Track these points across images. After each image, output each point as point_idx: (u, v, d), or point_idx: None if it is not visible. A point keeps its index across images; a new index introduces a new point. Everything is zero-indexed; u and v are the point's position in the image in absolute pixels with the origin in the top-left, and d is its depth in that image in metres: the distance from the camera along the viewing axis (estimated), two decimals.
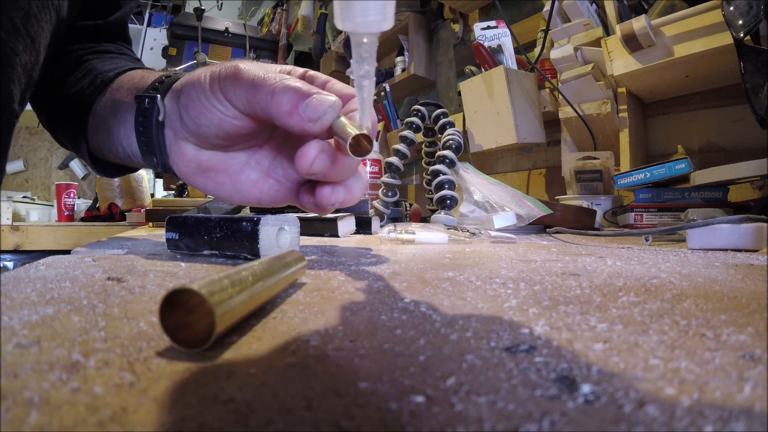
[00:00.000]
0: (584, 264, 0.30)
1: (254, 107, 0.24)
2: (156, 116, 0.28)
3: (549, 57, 0.91)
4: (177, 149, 0.28)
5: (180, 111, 0.27)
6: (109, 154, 0.34)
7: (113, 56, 0.39)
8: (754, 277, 0.24)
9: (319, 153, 0.24)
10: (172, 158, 0.29)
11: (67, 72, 0.36)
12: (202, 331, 0.13)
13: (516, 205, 0.63)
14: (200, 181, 0.30)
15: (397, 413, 0.09)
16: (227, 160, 0.29)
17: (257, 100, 0.24)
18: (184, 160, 0.29)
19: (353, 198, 0.27)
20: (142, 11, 2.46)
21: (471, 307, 0.18)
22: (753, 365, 0.11)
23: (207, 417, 0.09)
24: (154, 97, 0.28)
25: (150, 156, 0.30)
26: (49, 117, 0.38)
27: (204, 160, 0.29)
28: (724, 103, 0.79)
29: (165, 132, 0.29)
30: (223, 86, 0.25)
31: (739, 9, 0.53)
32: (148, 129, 0.28)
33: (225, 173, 0.30)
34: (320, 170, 0.24)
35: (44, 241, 1.39)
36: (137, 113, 0.29)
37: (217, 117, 0.26)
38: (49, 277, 0.24)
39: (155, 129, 0.28)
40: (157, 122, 0.28)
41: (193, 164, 0.29)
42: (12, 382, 0.10)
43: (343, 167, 0.25)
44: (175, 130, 0.28)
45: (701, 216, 0.53)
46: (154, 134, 0.28)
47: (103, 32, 0.40)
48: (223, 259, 0.34)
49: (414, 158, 1.27)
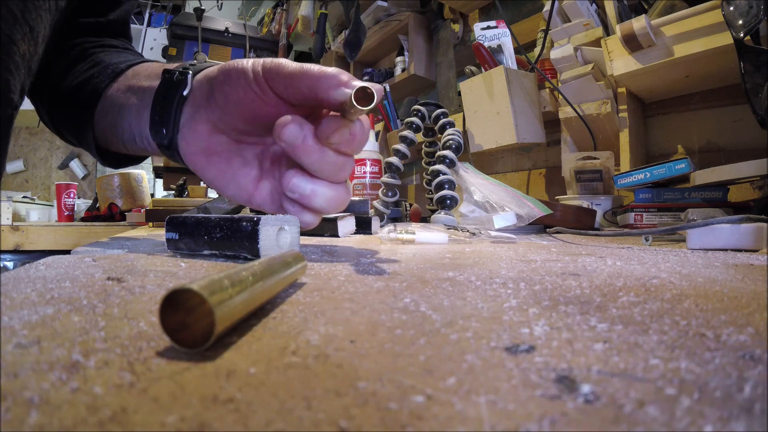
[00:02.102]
0: (584, 264, 0.30)
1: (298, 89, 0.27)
2: (182, 90, 0.30)
3: (549, 57, 0.91)
4: (192, 126, 0.30)
5: (214, 90, 0.29)
6: (113, 139, 0.35)
7: (119, 50, 0.40)
8: (754, 277, 0.24)
9: (297, 126, 0.26)
10: (183, 133, 0.31)
11: (70, 64, 0.37)
12: (202, 331, 0.13)
13: (516, 205, 0.63)
14: (202, 164, 0.31)
15: (397, 413, 0.09)
16: (235, 150, 0.31)
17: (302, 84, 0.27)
18: (195, 138, 0.30)
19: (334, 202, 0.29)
20: (142, 11, 2.46)
21: (471, 307, 0.18)
22: (753, 365, 0.11)
23: (207, 417, 0.09)
24: (186, 72, 0.30)
25: (160, 127, 0.31)
26: (51, 108, 0.38)
27: (214, 143, 0.30)
28: (724, 103, 0.79)
29: (184, 108, 0.30)
30: (266, 72, 0.27)
31: (739, 9, 0.53)
32: (168, 100, 0.30)
33: (228, 162, 0.31)
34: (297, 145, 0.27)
35: (44, 241, 1.39)
36: (161, 85, 0.31)
37: (251, 98, 0.28)
38: (49, 277, 0.24)
39: (176, 102, 0.30)
40: (181, 96, 0.30)
41: (203, 143, 0.30)
42: (12, 382, 0.10)
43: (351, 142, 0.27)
44: (197, 108, 0.30)
45: (701, 216, 0.53)
46: (174, 106, 0.30)
47: (105, 29, 0.41)
48: (223, 259, 0.34)
49: (414, 158, 1.27)
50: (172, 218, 0.36)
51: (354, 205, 0.68)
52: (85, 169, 2.78)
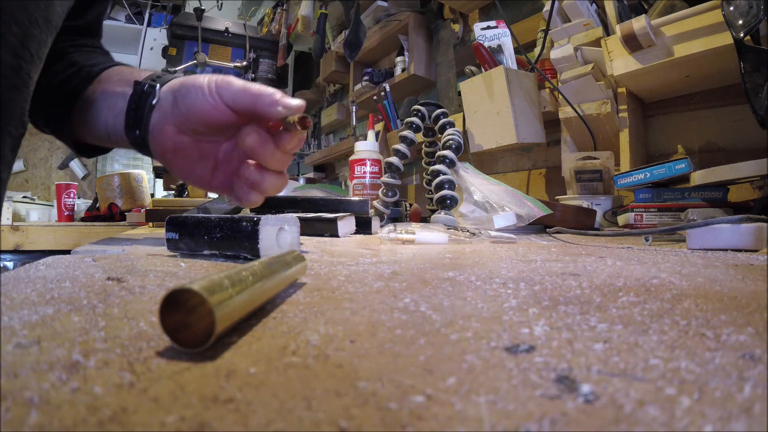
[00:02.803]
0: (584, 264, 0.30)
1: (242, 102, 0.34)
2: (151, 100, 0.36)
3: (549, 57, 0.91)
4: (161, 129, 0.36)
5: (177, 100, 0.35)
6: (87, 134, 0.41)
7: (89, 50, 0.45)
8: (754, 277, 0.24)
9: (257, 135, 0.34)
10: (152, 134, 0.37)
11: (48, 63, 0.39)
12: (202, 331, 0.13)
13: (516, 205, 0.63)
14: (169, 158, 0.37)
15: (397, 413, 0.09)
16: (195, 147, 0.37)
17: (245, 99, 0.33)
18: (163, 138, 0.36)
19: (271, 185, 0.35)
20: (142, 11, 2.46)
21: (471, 307, 0.18)
22: (753, 365, 0.11)
23: (207, 417, 0.09)
24: (154, 84, 0.37)
25: (133, 129, 0.37)
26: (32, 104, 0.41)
27: (178, 142, 0.36)
28: (724, 103, 0.79)
29: (153, 114, 0.36)
30: (218, 88, 0.34)
31: (739, 9, 0.53)
32: (140, 108, 0.36)
33: (190, 156, 0.37)
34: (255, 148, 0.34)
35: (44, 241, 1.39)
36: (134, 95, 0.37)
37: (207, 108, 0.34)
38: (49, 277, 0.24)
39: (146, 109, 0.36)
40: (150, 104, 0.36)
41: (169, 142, 0.36)
42: (12, 382, 0.10)
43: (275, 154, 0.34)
44: (164, 114, 0.36)
45: (701, 216, 0.53)
46: (145, 113, 0.36)
47: (79, 31, 0.45)
48: (223, 259, 0.34)
49: (414, 158, 1.27)
50: (172, 218, 0.36)
51: (354, 205, 0.68)
52: (85, 169, 2.78)
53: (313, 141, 2.45)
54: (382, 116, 1.50)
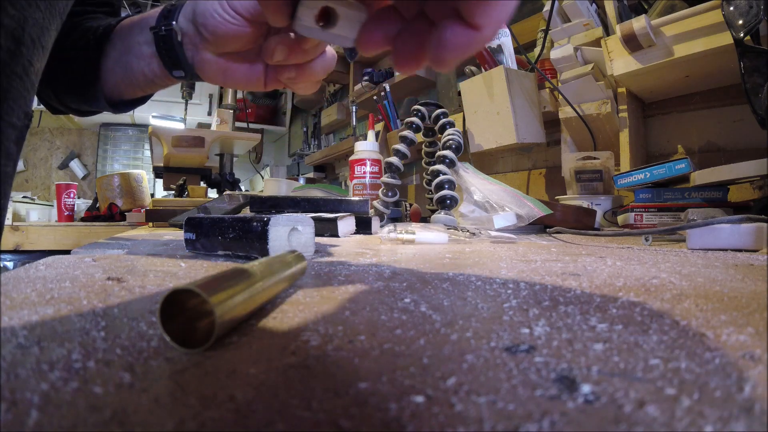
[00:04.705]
0: (584, 264, 0.30)
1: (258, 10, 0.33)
2: (175, 38, 0.36)
3: (549, 57, 0.91)
4: (201, 59, 0.37)
5: (199, 29, 0.35)
6: (128, 88, 0.41)
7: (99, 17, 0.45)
8: (754, 277, 0.24)
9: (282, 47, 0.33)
10: (197, 65, 0.38)
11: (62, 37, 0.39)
12: (202, 331, 0.13)
13: (516, 205, 0.63)
14: (222, 79, 0.38)
15: (397, 413, 0.09)
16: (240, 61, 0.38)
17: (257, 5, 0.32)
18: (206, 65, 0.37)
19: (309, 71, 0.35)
20: (141, 10, 2.46)
21: (471, 307, 0.18)
22: (753, 365, 0.11)
23: (207, 417, 0.09)
24: (170, 23, 0.36)
25: (178, 69, 0.38)
26: (50, 80, 0.42)
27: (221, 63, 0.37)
28: (724, 103, 0.79)
29: (185, 47, 0.37)
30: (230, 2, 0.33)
31: (739, 9, 0.53)
32: (171, 50, 0.37)
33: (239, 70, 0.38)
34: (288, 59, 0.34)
35: (44, 241, 1.39)
36: (157, 41, 0.37)
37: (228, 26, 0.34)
38: (49, 277, 0.24)
39: (176, 47, 0.37)
40: (178, 42, 0.36)
41: (214, 67, 0.37)
42: (12, 382, 0.10)
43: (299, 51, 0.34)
44: (195, 45, 0.36)
45: (701, 216, 0.53)
46: (179, 53, 0.37)
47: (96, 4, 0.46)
48: (234, 259, 0.34)
49: (414, 158, 1.27)
50: (190, 219, 0.36)
51: (354, 205, 0.68)
52: (85, 169, 2.78)
53: (313, 141, 2.45)
54: (382, 116, 1.50)
